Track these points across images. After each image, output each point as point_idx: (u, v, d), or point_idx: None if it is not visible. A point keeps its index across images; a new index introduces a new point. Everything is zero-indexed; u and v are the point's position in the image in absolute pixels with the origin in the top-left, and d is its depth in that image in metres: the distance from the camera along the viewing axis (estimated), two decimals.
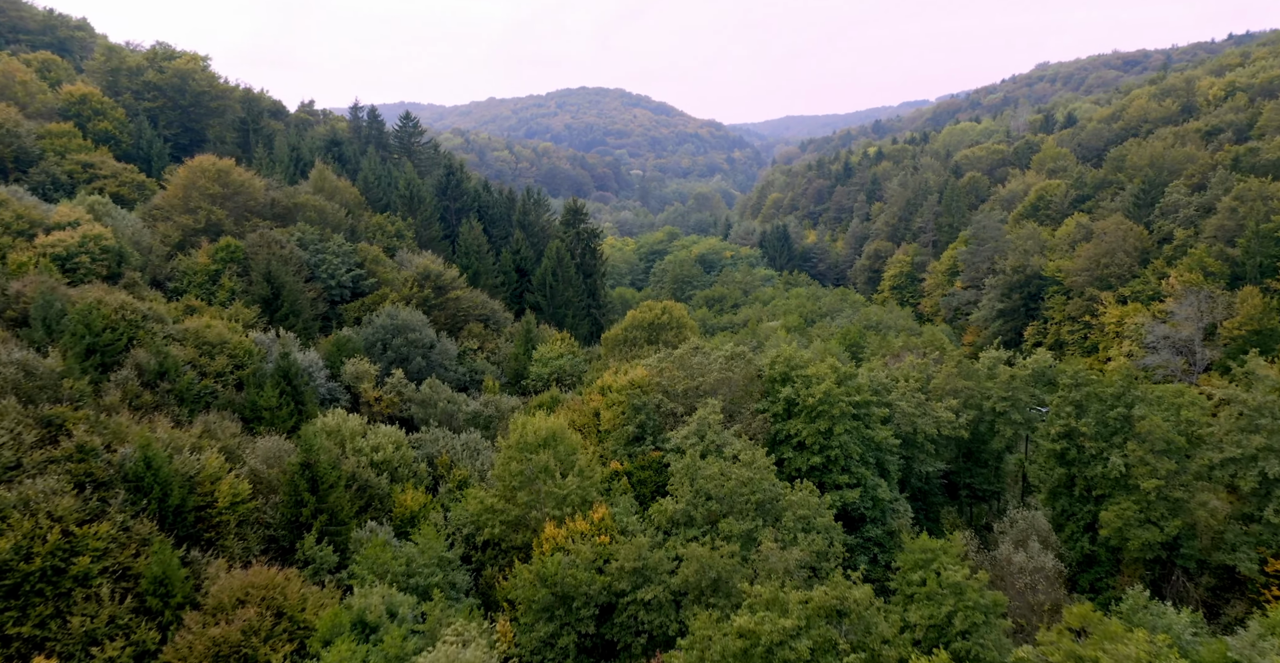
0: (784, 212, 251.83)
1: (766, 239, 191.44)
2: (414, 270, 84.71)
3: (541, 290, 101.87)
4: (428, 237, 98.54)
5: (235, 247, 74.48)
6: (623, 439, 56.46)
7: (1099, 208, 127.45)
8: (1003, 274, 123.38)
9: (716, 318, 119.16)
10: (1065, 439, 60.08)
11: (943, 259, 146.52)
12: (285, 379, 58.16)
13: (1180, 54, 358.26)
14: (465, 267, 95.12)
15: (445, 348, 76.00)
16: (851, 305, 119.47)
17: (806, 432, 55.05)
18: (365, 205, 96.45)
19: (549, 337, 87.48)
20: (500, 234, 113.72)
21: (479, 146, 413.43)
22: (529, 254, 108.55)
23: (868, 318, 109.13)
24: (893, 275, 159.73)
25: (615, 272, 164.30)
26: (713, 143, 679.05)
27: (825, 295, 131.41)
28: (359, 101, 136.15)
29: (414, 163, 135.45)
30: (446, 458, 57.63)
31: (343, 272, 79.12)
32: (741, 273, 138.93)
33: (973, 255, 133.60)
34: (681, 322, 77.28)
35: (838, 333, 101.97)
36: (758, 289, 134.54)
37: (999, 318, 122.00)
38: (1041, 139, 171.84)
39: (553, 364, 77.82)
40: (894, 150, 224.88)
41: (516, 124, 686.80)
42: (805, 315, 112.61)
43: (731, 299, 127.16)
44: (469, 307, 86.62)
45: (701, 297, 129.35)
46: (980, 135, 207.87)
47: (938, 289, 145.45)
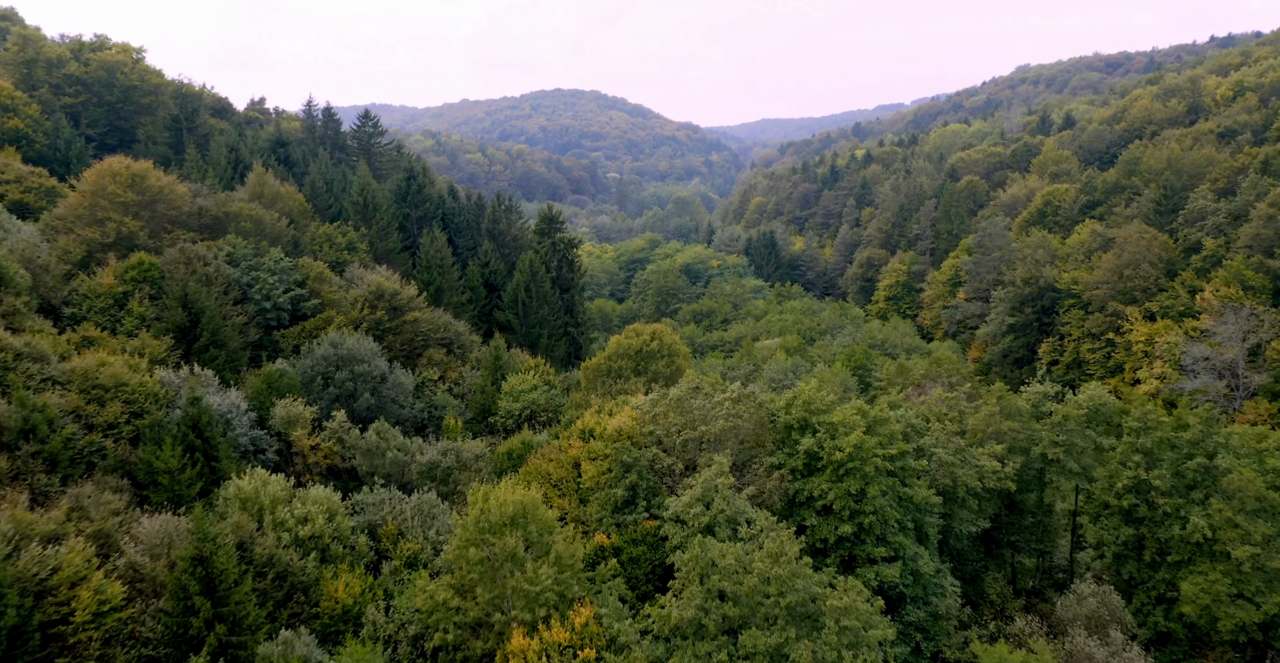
0: (768, 217, 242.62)
1: (753, 246, 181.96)
2: (365, 289, 73.87)
3: (513, 308, 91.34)
4: (384, 249, 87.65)
5: (149, 264, 63.27)
6: (610, 504, 46.13)
7: (1112, 215, 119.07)
8: (1012, 286, 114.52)
9: (706, 335, 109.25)
10: (1133, 494, 50.63)
11: (943, 268, 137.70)
12: (194, 431, 47.28)
13: (1163, 55, 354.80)
14: (426, 283, 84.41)
15: (399, 381, 65.23)
16: (852, 322, 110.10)
17: (834, 493, 45.06)
18: (312, 214, 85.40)
19: (521, 363, 76.99)
20: (467, 245, 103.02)
21: (451, 149, 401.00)
22: (499, 267, 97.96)
23: (871, 336, 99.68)
24: (888, 285, 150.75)
25: (594, 282, 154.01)
26: (690, 146, 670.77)
27: (823, 310, 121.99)
28: (312, 98, 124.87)
29: (374, 166, 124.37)
30: (392, 527, 46.96)
31: (280, 292, 68.10)
32: (731, 285, 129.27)
33: (977, 265, 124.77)
34: (674, 349, 67.14)
35: (841, 355, 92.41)
36: (748, 302, 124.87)
37: (1009, 333, 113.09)
38: (1040, 141, 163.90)
39: (525, 399, 67.34)
40: (883, 153, 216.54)
41: (490, 126, 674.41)
42: (804, 333, 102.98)
43: (721, 314, 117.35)
44: (429, 330, 75.90)
45: (688, 311, 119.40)
46: (973, 137, 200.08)
47: (938, 301, 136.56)
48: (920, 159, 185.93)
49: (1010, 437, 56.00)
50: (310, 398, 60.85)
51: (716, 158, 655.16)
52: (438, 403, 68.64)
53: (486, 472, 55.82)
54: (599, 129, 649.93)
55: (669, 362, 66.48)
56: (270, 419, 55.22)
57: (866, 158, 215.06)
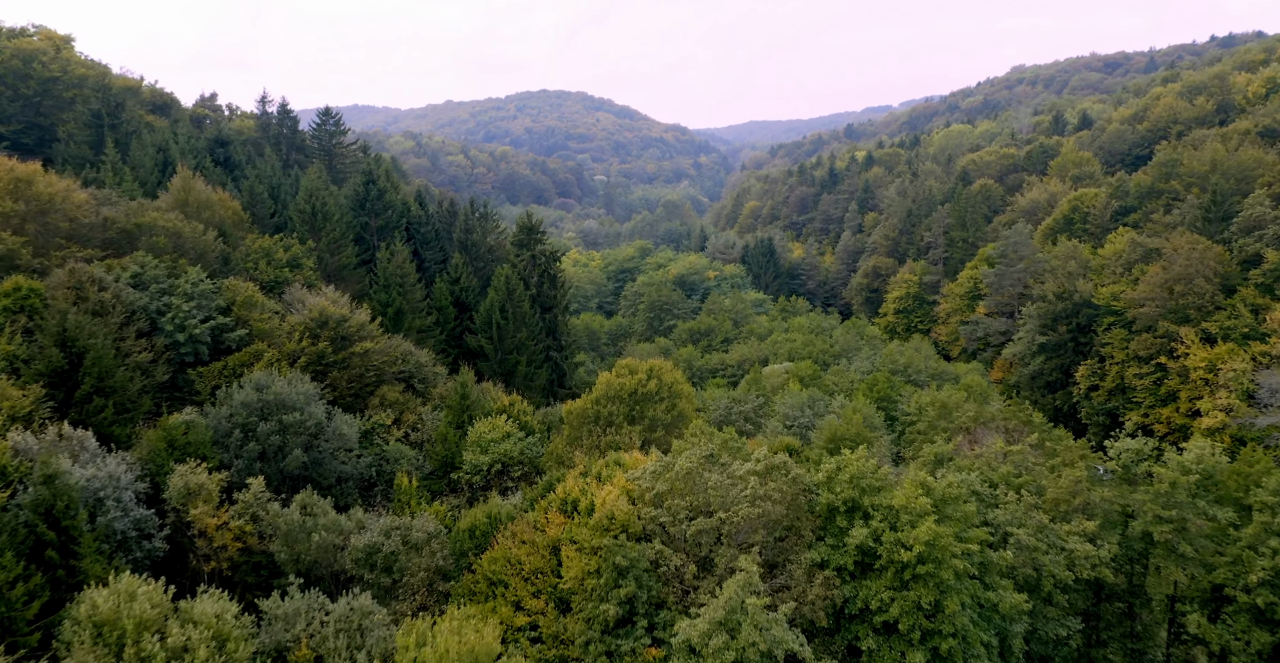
0: (763, 222, 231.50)
1: (750, 254, 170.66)
2: (306, 315, 61.89)
3: (486, 332, 79.53)
4: (336, 265, 75.69)
5: (28, 290, 51.21)
6: (599, 624, 34.47)
7: (1150, 222, 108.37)
8: (1043, 301, 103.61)
9: (705, 358, 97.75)
10: (1271, 589, 39.54)
11: (960, 280, 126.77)
12: (47, 520, 35.33)
13: (1163, 56, 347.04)
14: (384, 304, 72.51)
15: (341, 431, 53.29)
16: (869, 342, 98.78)
17: (898, 607, 33.71)
18: (249, 225, 73.38)
19: (493, 400, 65.23)
20: (436, 258, 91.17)
21: (432, 151, 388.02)
22: (471, 284, 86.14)
23: (892, 360, 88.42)
24: (897, 297, 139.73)
25: (580, 294, 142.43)
26: (678, 148, 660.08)
27: (834, 328, 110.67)
28: (266, 94, 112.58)
29: (335, 169, 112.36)
30: (307, 651, 35.15)
31: (197, 321, 56.03)
32: (730, 299, 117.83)
33: (1000, 277, 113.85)
34: (675, 389, 55.58)
35: (861, 384, 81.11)
36: (750, 318, 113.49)
37: (1040, 354, 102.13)
38: (1057, 142, 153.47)
39: (495, 450, 55.56)
40: (885, 155, 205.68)
41: (474, 128, 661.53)
42: (816, 357, 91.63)
43: (721, 333, 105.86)
44: (383, 362, 63.97)
45: (684, 330, 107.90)
46: (980, 138, 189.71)
47: (955, 315, 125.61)
48: (927, 161, 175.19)
49: (1102, 508, 44.70)
50: (227, 457, 48.90)
51: (705, 160, 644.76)
52: (390, 455, 56.74)
53: (442, 555, 44.08)
54: (585, 130, 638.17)
55: (669, 405, 54.91)
56: (165, 492, 43.24)
57: (868, 160, 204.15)
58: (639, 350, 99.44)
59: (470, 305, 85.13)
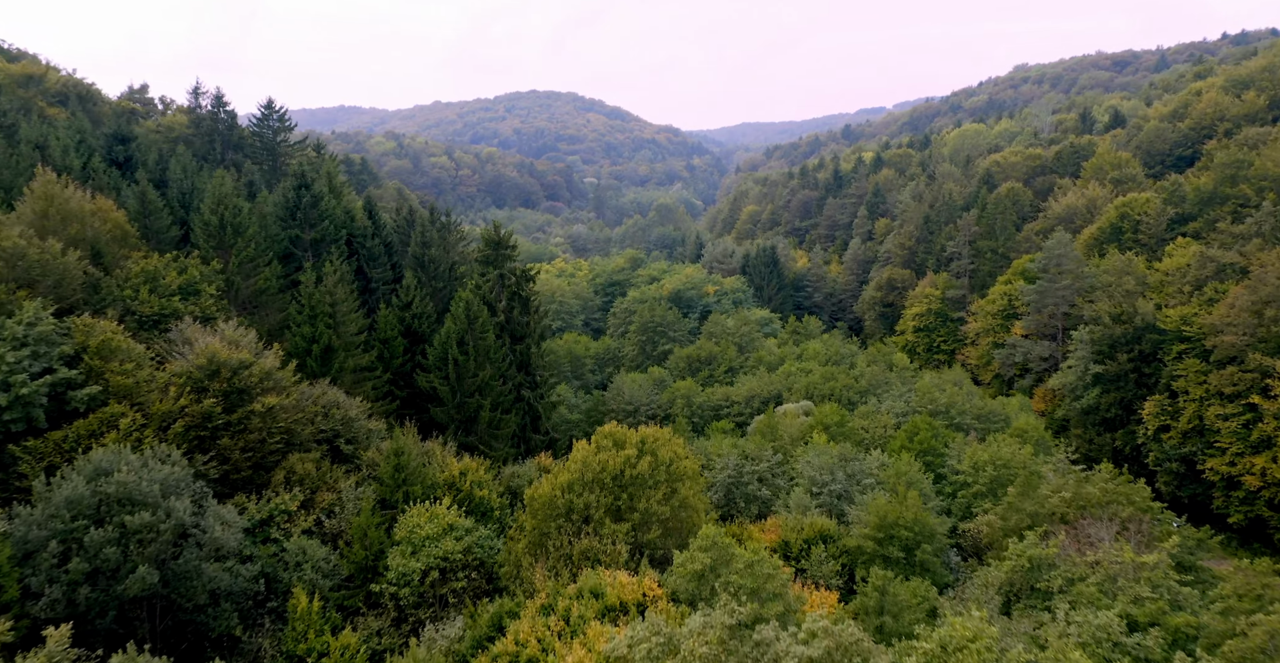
0: (763, 227, 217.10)
1: (750, 264, 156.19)
2: (193, 361, 47.12)
3: (440, 370, 64.85)
4: (250, 290, 60.92)
5: None
6: None
7: (1215, 232, 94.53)
8: (1097, 324, 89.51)
9: (706, 393, 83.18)
10: None
11: (990, 296, 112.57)
12: None
13: (1173, 54, 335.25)
14: (309, 339, 57.78)
15: (215, 535, 38.52)
16: (899, 375, 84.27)
17: None
18: (137, 240, 58.48)
19: (440, 467, 50.61)
20: (387, 278, 76.49)
21: (414, 152, 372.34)
22: (427, 310, 71.47)
23: (931, 398, 74.07)
24: (917, 314, 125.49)
25: (564, 310, 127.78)
26: (671, 149, 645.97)
27: (854, 355, 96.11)
28: (200, 84, 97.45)
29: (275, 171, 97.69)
30: None
31: (25, 377, 41.20)
32: (734, 320, 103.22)
33: (1042, 295, 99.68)
34: (676, 468, 41.00)
35: (899, 433, 66.73)
36: (757, 343, 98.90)
37: (1095, 386, 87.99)
38: (1089, 142, 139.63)
39: (431, 552, 40.93)
40: (895, 156, 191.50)
41: (462, 129, 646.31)
42: (839, 393, 77.20)
43: (724, 361, 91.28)
44: (295, 421, 49.21)
45: (682, 357, 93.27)
46: (998, 138, 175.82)
47: (986, 336, 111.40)
48: (943, 162, 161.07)
49: None
50: (37, 581, 34.26)
51: (699, 162, 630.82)
52: (290, 557, 42.00)
53: None
54: (576, 132, 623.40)
55: (667, 492, 40.34)
56: None
57: (876, 162, 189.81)
58: (629, 383, 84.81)
59: (425, 336, 70.48)
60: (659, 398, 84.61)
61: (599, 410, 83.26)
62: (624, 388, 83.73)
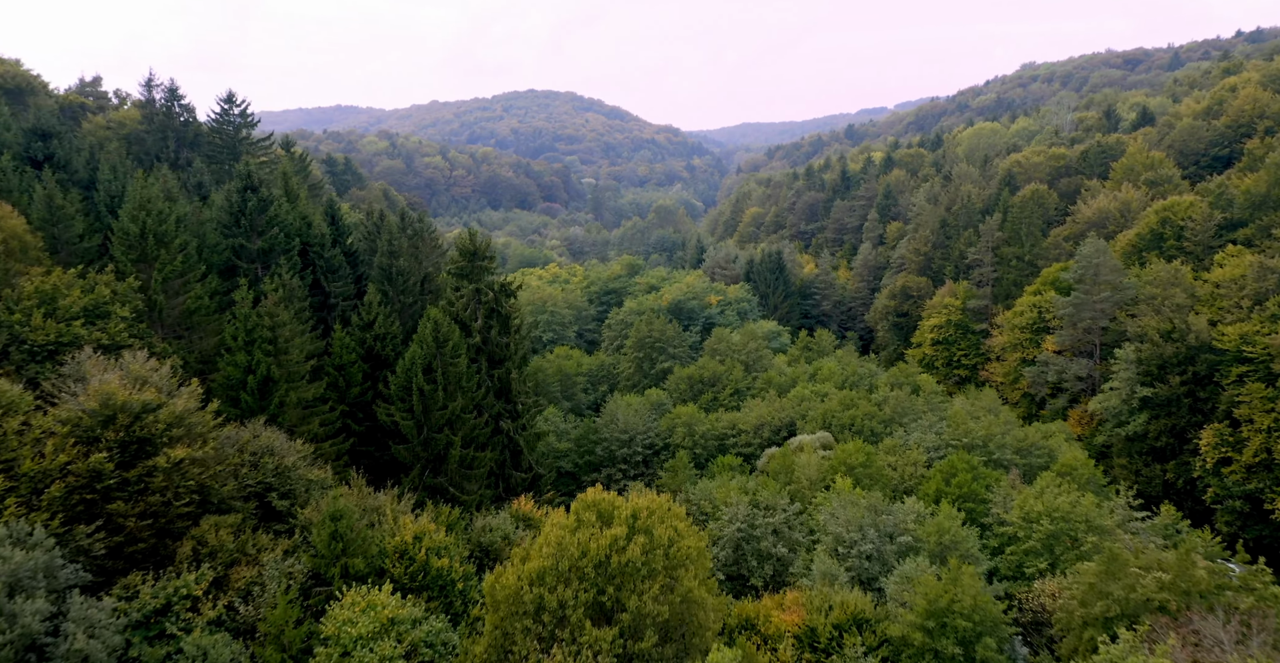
0: (767, 231, 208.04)
1: (755, 270, 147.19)
2: (83, 404, 38.22)
3: (404, 401, 56.01)
4: (179, 310, 52.03)
5: None
6: None
7: (1269, 239, 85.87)
8: (1143, 341, 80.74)
9: (710, 420, 74.22)
10: None
11: (1017, 307, 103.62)
12: None
13: (1187, 52, 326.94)
14: (244, 368, 48.94)
15: (74, 643, 29.65)
16: (927, 400, 75.19)
17: None
18: (40, 253, 49.58)
19: (391, 530, 41.72)
20: (348, 293, 67.58)
21: (408, 152, 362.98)
22: (392, 329, 62.61)
23: (965, 430, 65.18)
24: (936, 326, 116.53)
25: (555, 322, 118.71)
26: (671, 150, 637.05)
27: (873, 375, 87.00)
28: (153, 75, 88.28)
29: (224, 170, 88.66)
30: None
31: None
32: (741, 335, 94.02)
33: (1078, 308, 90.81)
34: (677, 551, 32.12)
35: (933, 471, 57.92)
36: (766, 361, 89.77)
37: (1143, 411, 79.19)
38: (1117, 141, 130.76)
39: (362, 661, 32.00)
40: (906, 156, 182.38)
41: (459, 128, 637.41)
42: (861, 424, 68.24)
43: (730, 382, 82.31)
44: (215, 475, 40.28)
45: (683, 378, 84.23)
46: (1016, 137, 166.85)
47: (1013, 351, 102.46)
48: (959, 163, 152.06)
49: None
50: None
51: (699, 162, 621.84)
52: (186, 659, 33.10)
53: None
54: (574, 132, 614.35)
55: (666, 581, 31.50)
56: None
57: (887, 162, 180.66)
58: (623, 408, 75.83)
59: (390, 360, 61.62)
60: (657, 425, 75.74)
61: (590, 440, 74.37)
62: (618, 414, 74.80)
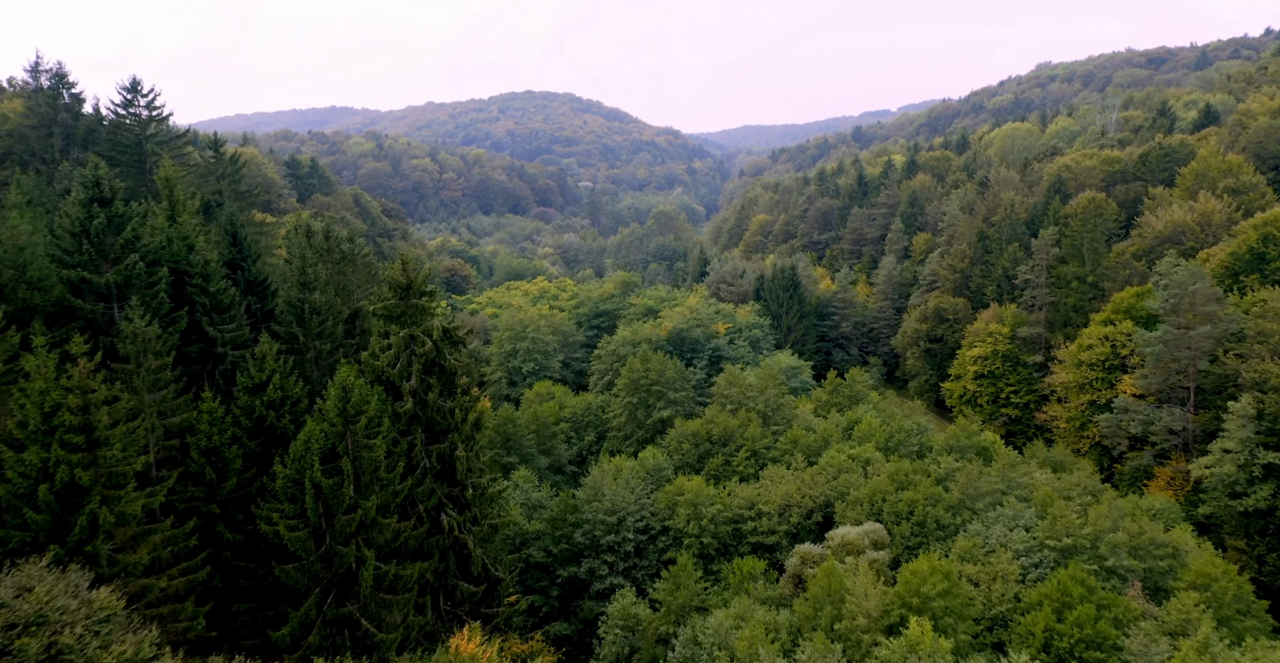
0: (776, 240, 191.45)
1: (766, 287, 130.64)
2: None
3: (295, 503, 39.58)
4: None
5: None
6: None
7: None
8: (1269, 392, 64.37)
9: (724, 500, 57.61)
10: None
11: (1083, 339, 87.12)
12: None
13: (1215, 50, 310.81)
14: (33, 477, 32.56)
15: None
16: (1002, 474, 58.39)
17: None
18: None
19: None
20: (240, 338, 51.09)
21: (395, 154, 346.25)
22: (293, 392, 46.14)
23: (1065, 523, 48.66)
24: (979, 357, 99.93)
25: (537, 349, 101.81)
26: (671, 152, 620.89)
27: (921, 432, 70.13)
28: (40, 59, 71.93)
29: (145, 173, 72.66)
30: None
31: None
32: (757, 377, 76.96)
33: (1170, 345, 74.39)
34: None
35: (1037, 595, 41.56)
36: (788, 411, 72.87)
37: (1267, 481, 62.82)
38: (1181, 142, 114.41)
39: None
40: (931, 160, 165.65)
41: (454, 130, 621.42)
42: (920, 510, 51.74)
43: (746, 441, 65.59)
44: None
45: (687, 434, 67.49)
46: (1055, 138, 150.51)
47: (1080, 392, 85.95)
48: (997, 167, 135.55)
49: None
50: None
51: (700, 165, 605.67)
52: None
53: None
54: (572, 133, 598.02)
55: None
56: None
57: (909, 166, 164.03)
58: (611, 481, 59.26)
59: (292, 435, 45.14)
60: (653, 501, 59.23)
61: (566, 521, 57.80)
62: (604, 487, 58.26)
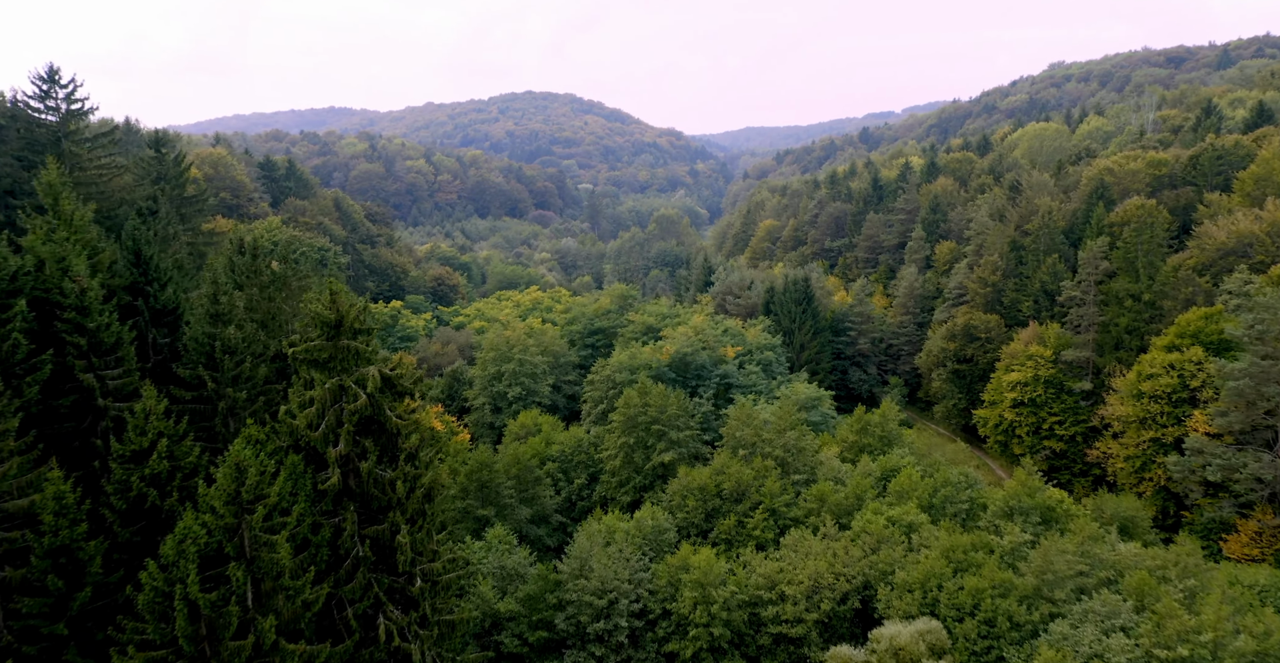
0: (784, 247, 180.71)
1: (777, 300, 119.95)
2: None
3: (164, 624, 28.91)
4: None
5: None
6: None
7: None
8: None
9: (738, 579, 46.96)
10: None
11: (1144, 366, 76.37)
12: None
13: (1237, 49, 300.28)
14: None
15: None
16: (1082, 550, 47.61)
17: None
18: None
19: None
20: (128, 385, 40.51)
21: (389, 155, 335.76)
22: (187, 460, 35.50)
23: (1178, 625, 37.95)
24: (1018, 382, 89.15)
25: (524, 372, 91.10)
26: (673, 154, 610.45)
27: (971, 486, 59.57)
28: None
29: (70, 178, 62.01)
30: None
31: None
32: (775, 414, 65.89)
33: (1257, 379, 63.72)
34: None
35: None
36: (809, 458, 61.99)
37: None
38: (1235, 143, 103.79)
39: None
40: (953, 162, 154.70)
41: (452, 130, 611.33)
42: (994, 610, 41.16)
43: (763, 497, 54.89)
44: None
45: (693, 488, 56.62)
46: (1087, 139, 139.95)
47: (1141, 429, 75.23)
48: (1031, 170, 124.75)
49: None
50: None
51: (703, 167, 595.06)
52: None
53: None
54: (572, 134, 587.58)
55: None
56: None
57: (929, 169, 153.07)
58: (600, 549, 48.73)
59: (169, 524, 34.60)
60: (652, 576, 48.63)
61: (546, 603, 47.21)
62: (591, 560, 47.69)
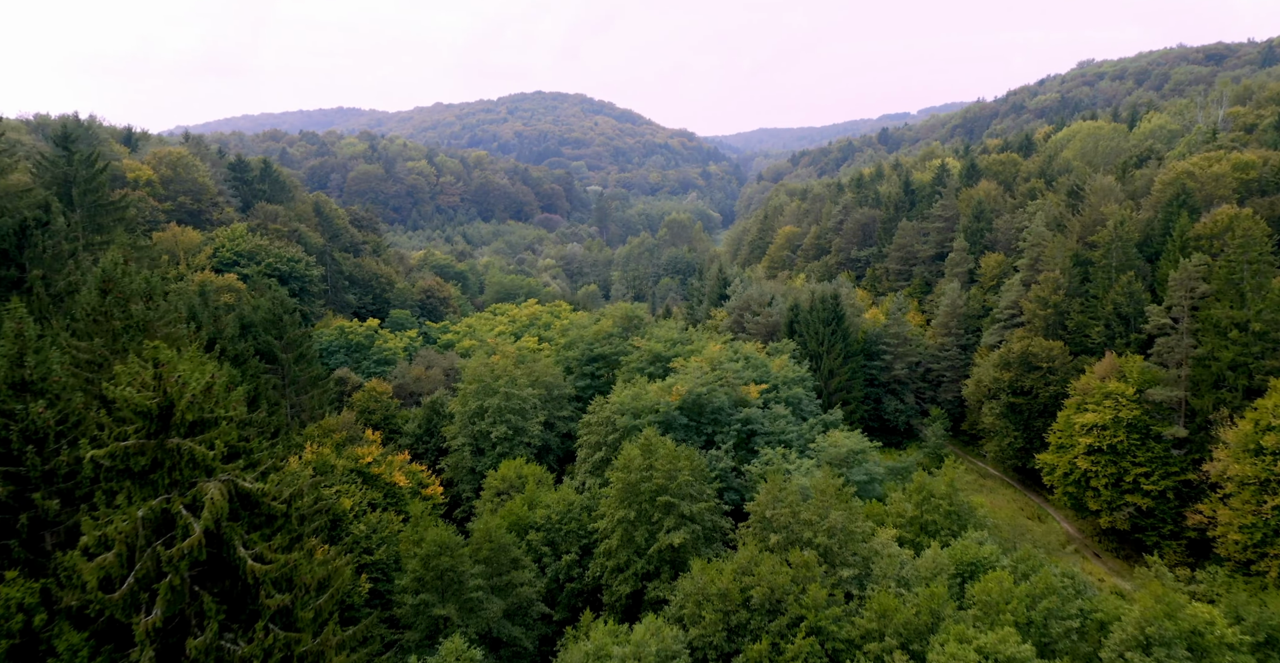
0: (806, 256, 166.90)
1: (802, 319, 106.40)
2: None
3: None
4: None
5: None
6: None
7: None
8: None
9: None
10: None
11: (1262, 416, 62.45)
12: None
13: None
14: None
15: None
16: None
17: None
18: None
19: None
20: None
21: (389, 156, 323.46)
22: None
23: None
24: (1093, 425, 75.39)
25: (511, 408, 77.77)
26: (685, 155, 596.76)
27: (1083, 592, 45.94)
28: None
29: None
30: None
31: None
32: (816, 487, 52.42)
33: None
34: None
35: None
36: (860, 545, 48.17)
37: None
38: None
39: None
40: (995, 164, 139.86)
41: (460, 131, 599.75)
42: None
43: (805, 612, 41.44)
44: None
45: (711, 595, 42.84)
46: (1149, 138, 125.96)
47: (1259, 494, 61.25)
48: (1094, 174, 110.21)
49: None
50: None
51: (715, 168, 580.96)
52: None
53: None
54: (582, 135, 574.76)
55: None
56: None
57: (969, 171, 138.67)
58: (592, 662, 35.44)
59: None
60: None
61: None
62: None
